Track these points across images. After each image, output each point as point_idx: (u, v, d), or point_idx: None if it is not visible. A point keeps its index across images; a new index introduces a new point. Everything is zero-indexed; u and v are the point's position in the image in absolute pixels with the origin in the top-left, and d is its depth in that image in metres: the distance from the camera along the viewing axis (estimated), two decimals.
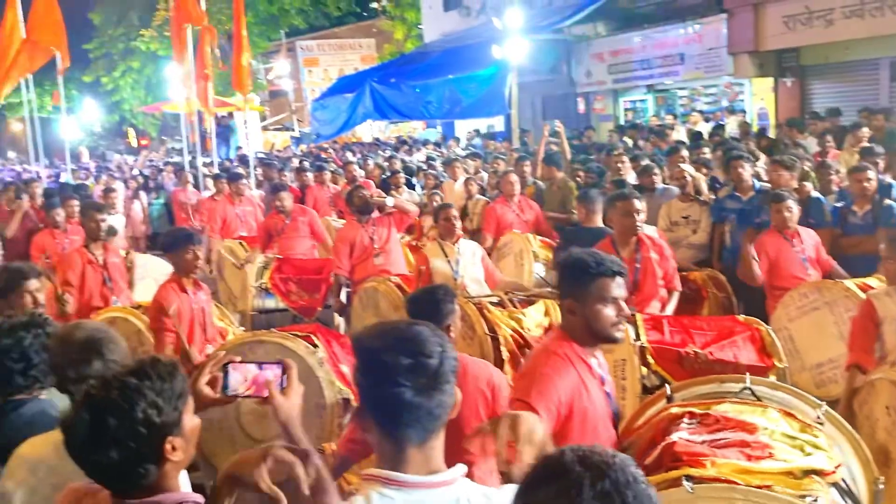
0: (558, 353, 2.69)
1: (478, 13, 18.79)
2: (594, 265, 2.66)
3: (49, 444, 2.24)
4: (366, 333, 1.72)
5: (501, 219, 7.47)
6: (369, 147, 17.98)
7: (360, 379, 1.67)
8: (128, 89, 32.46)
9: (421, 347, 1.62)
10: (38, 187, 9.90)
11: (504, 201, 7.61)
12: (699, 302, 5.74)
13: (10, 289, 3.75)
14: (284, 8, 25.56)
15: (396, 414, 1.60)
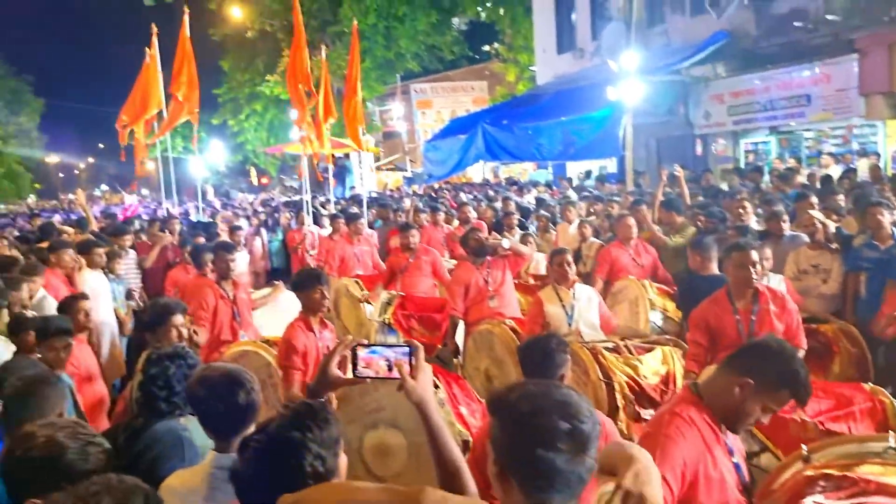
0: (684, 416, 2.60)
1: (592, 55, 18.77)
2: (802, 387, 2.59)
3: (198, 476, 2.35)
4: (512, 394, 1.70)
5: (616, 262, 7.32)
6: (480, 188, 18.14)
7: (505, 440, 1.65)
8: (251, 131, 34.26)
9: (576, 412, 1.61)
10: (176, 224, 10.54)
11: (620, 245, 7.45)
12: (829, 357, 5.37)
13: (159, 323, 4.00)
14: (401, 53, 26.37)
15: (547, 478, 1.59)
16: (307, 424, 1.76)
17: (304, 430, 1.75)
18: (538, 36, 22.23)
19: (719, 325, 4.55)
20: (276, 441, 1.74)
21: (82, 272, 7.36)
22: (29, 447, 2.06)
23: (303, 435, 1.74)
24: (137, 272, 8.99)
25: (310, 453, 1.72)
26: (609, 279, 7.24)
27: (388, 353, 1.98)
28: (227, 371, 2.62)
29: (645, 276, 7.24)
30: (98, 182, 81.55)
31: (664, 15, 16.97)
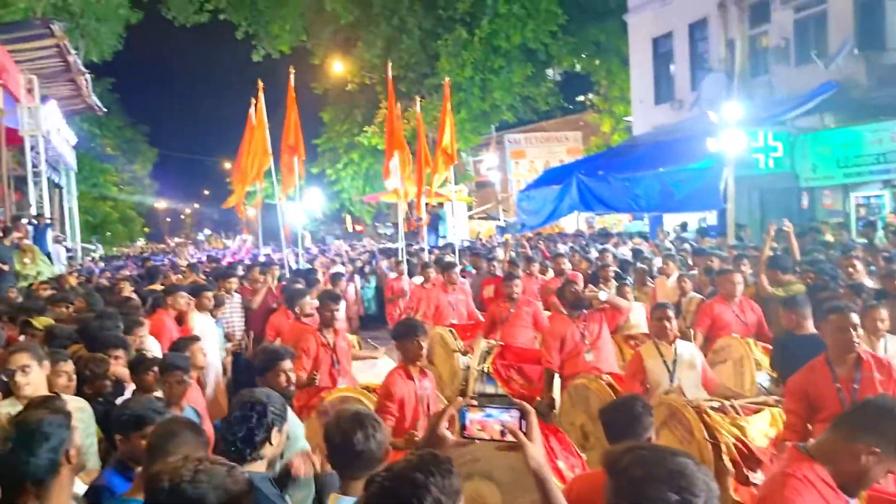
0: (799, 475, 2.46)
1: (691, 106, 18.52)
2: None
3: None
4: (626, 457, 1.68)
5: (718, 318, 7.04)
6: (574, 238, 17.99)
7: (614, 502, 1.62)
8: (348, 179, 35.25)
9: (689, 484, 1.56)
10: (276, 270, 10.88)
11: (723, 300, 7.19)
12: None
13: (268, 367, 4.13)
14: (496, 104, 26.73)
15: None
16: (430, 469, 1.78)
17: (427, 473, 1.77)
18: (635, 87, 22.15)
19: (818, 395, 4.24)
20: (400, 479, 1.76)
21: (192, 314, 7.69)
22: (159, 479, 2.14)
23: (425, 478, 1.76)
24: (242, 315, 9.29)
25: (430, 495, 1.73)
26: (709, 336, 6.99)
27: (502, 417, 1.97)
28: (351, 413, 2.71)
29: (749, 334, 6.95)
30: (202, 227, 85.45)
31: (767, 65, 16.63)
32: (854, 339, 4.28)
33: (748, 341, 6.64)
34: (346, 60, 32.35)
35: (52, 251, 14.65)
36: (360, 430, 2.65)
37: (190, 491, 2.09)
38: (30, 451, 2.60)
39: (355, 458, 2.65)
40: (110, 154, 39.28)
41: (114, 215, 38.23)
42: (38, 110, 15.91)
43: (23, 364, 3.78)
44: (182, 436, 2.83)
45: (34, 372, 3.79)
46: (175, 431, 2.86)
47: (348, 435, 2.65)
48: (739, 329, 6.95)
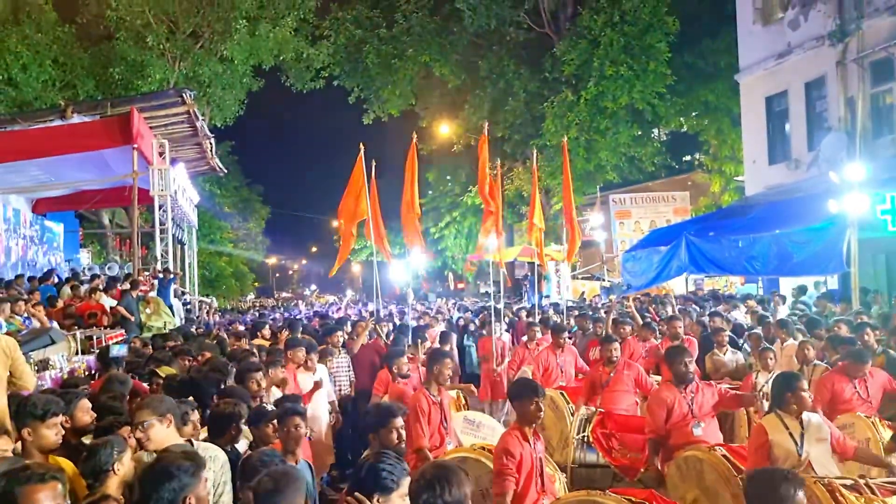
0: None
1: (808, 166, 17.86)
2: None
3: None
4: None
5: (838, 393, 6.65)
6: (684, 301, 17.46)
7: None
8: (451, 238, 35.74)
9: None
10: (385, 327, 11.10)
11: (843, 374, 6.78)
12: None
13: (383, 424, 4.18)
14: (601, 164, 26.61)
15: None
16: None
17: None
18: (747, 146, 21.58)
19: None
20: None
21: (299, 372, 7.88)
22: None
23: None
24: (349, 369, 9.47)
25: None
26: (828, 412, 6.55)
27: None
28: (438, 465, 2.71)
29: (873, 411, 6.53)
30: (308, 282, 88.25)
31: (892, 124, 15.90)
32: None
33: (874, 421, 6.22)
34: (452, 123, 33.17)
35: (173, 304, 15.43)
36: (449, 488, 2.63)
37: None
38: (153, 489, 2.71)
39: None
40: (227, 212, 41.31)
41: (228, 270, 39.93)
42: (168, 172, 17.00)
43: (143, 420, 3.92)
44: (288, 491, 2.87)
45: (155, 427, 3.91)
46: (282, 486, 2.90)
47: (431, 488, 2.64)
48: (860, 406, 6.56)
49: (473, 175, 32.06)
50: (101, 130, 15.52)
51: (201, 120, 18.69)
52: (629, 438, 7.15)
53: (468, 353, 15.53)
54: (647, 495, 4.86)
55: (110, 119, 15.62)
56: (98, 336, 10.76)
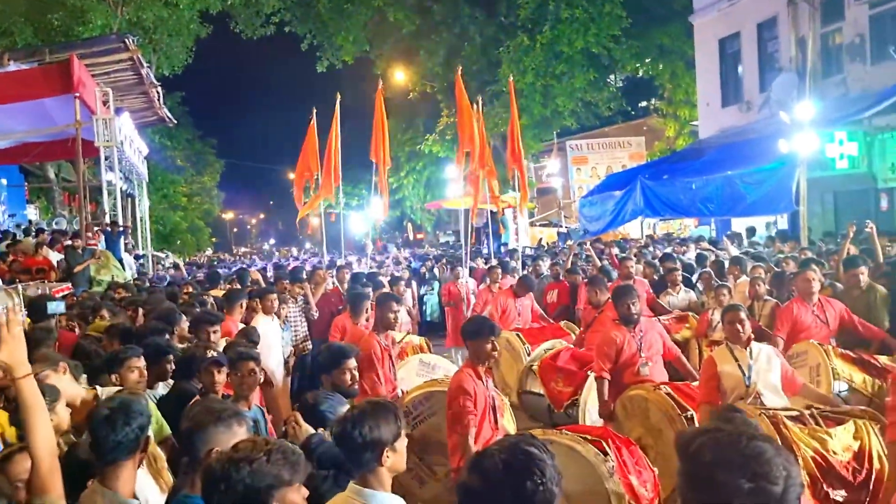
0: None
1: (760, 107, 18.02)
2: None
3: None
4: (699, 439, 1.57)
5: (799, 320, 6.79)
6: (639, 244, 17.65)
7: (685, 489, 1.53)
8: (409, 188, 35.50)
9: (765, 471, 1.44)
10: (347, 273, 11.04)
11: (802, 302, 6.94)
12: None
13: (334, 366, 4.12)
14: (557, 110, 26.53)
15: None
16: (541, 447, 1.75)
17: (542, 450, 1.74)
18: (701, 90, 21.68)
19: None
20: (517, 452, 1.73)
21: (257, 317, 7.80)
22: (227, 465, 2.14)
23: (541, 453, 1.73)
24: (303, 319, 9.40)
25: (548, 469, 1.70)
26: (789, 340, 6.72)
27: None
28: (368, 402, 2.71)
29: (831, 335, 6.72)
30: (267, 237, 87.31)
31: (841, 64, 16.05)
32: None
33: (827, 348, 6.38)
34: (407, 70, 32.64)
35: (123, 258, 15.10)
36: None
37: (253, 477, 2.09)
38: (113, 429, 2.63)
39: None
40: (180, 165, 40.41)
41: (183, 225, 39.19)
42: (113, 122, 16.44)
43: (37, 372, 3.77)
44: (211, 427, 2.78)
45: (51, 377, 3.73)
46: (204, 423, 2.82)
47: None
48: (820, 330, 6.71)
49: (432, 123, 31.78)
50: (41, 79, 14.91)
51: (146, 67, 18.07)
52: (567, 372, 7.23)
53: (426, 302, 15.57)
54: (602, 432, 4.93)
55: (50, 67, 15.01)
56: (44, 291, 10.50)
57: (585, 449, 4.49)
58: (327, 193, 14.67)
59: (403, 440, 2.70)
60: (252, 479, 2.08)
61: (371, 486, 2.58)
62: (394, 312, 6.11)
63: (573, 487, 4.35)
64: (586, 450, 4.48)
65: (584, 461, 4.44)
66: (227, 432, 2.68)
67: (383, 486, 2.61)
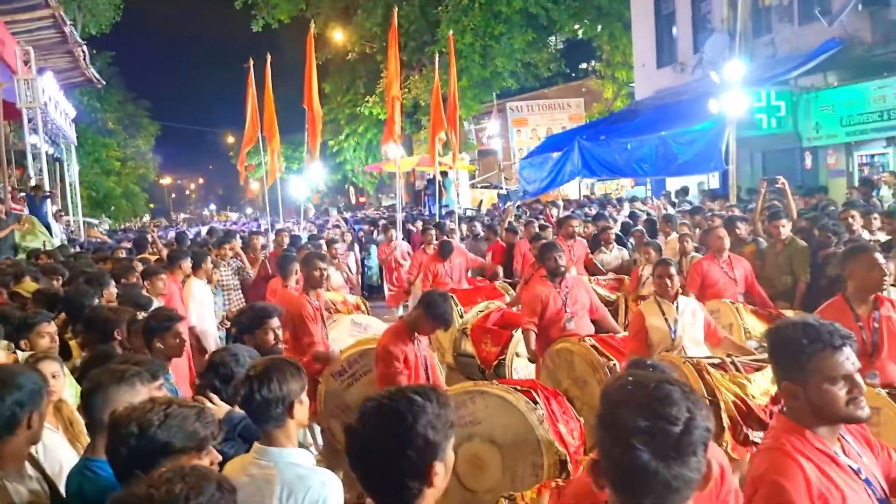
0: (784, 449, 2.30)
1: (693, 68, 18.29)
2: (808, 340, 2.27)
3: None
4: (615, 383, 1.62)
5: (707, 276, 7.03)
6: (577, 204, 17.89)
7: (599, 432, 1.56)
8: (350, 151, 35.09)
9: (665, 411, 1.46)
10: (286, 236, 10.94)
11: (711, 258, 7.19)
12: None
13: (257, 325, 4.08)
14: (497, 71, 26.47)
15: (628, 477, 1.48)
16: (429, 395, 1.78)
17: (426, 398, 1.77)
18: (637, 51, 21.88)
19: None
20: (398, 397, 1.77)
21: (192, 281, 7.69)
22: (122, 422, 2.11)
23: (423, 400, 1.76)
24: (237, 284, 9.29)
25: (425, 416, 1.73)
26: (700, 295, 6.94)
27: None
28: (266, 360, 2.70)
29: (738, 290, 6.98)
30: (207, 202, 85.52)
31: (770, 24, 16.36)
32: (884, 276, 4.35)
33: (738, 306, 6.60)
34: (346, 30, 32.04)
35: (52, 224, 14.61)
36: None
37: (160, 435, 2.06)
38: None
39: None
40: (112, 129, 39.16)
41: (117, 191, 38.12)
42: (35, 82, 15.77)
43: None
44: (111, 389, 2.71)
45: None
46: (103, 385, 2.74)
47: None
48: (728, 285, 6.96)
49: (372, 85, 31.34)
50: None
51: (70, 25, 17.31)
52: (495, 333, 7.35)
53: (368, 265, 15.58)
54: (530, 383, 5.04)
55: None
56: None
57: (516, 398, 4.58)
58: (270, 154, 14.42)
59: (305, 393, 2.70)
60: (141, 442, 2.05)
61: (279, 443, 2.57)
62: (319, 270, 6.08)
63: (505, 435, 4.47)
64: (517, 399, 4.57)
65: (515, 410, 4.53)
66: (129, 391, 2.61)
67: (291, 441, 2.61)
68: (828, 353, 2.26)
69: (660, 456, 1.44)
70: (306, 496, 2.41)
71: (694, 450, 1.46)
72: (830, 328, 2.31)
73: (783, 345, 2.37)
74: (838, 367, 2.25)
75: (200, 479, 1.68)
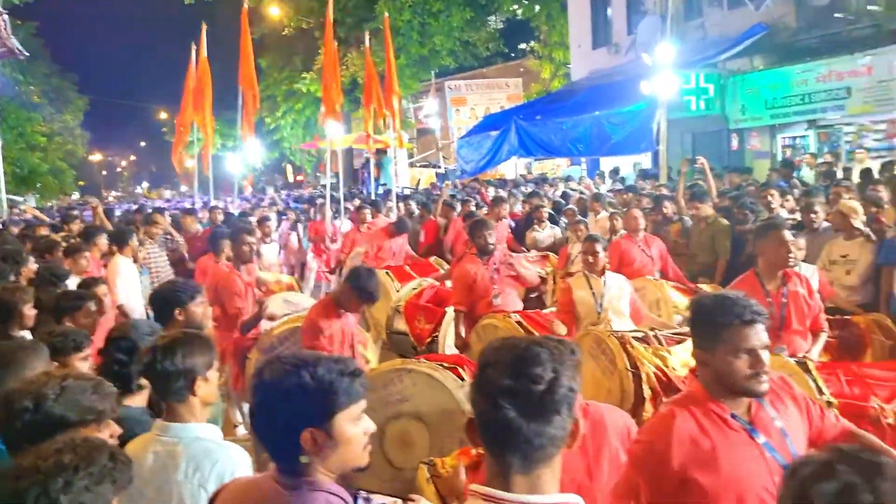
0: (668, 412, 2.48)
1: (627, 50, 18.59)
2: (723, 312, 2.42)
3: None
4: (489, 346, 1.66)
5: (626, 254, 7.26)
6: (512, 184, 18.07)
7: (472, 391, 1.60)
8: (288, 128, 34.53)
9: (528, 369, 1.50)
10: (219, 213, 10.74)
11: (629, 237, 7.43)
12: (861, 349, 5.23)
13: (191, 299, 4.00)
14: (435, 49, 26.38)
15: (495, 434, 1.53)
16: (343, 365, 1.85)
17: (324, 365, 1.83)
18: (573, 31, 22.10)
19: None
20: (298, 360, 1.83)
21: (115, 258, 7.52)
22: (16, 397, 2.08)
23: (318, 367, 1.82)
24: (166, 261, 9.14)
25: (311, 378, 1.80)
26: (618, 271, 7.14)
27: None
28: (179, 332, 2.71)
29: (654, 267, 7.22)
30: (140, 179, 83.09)
31: (701, 8, 16.73)
32: (792, 253, 4.52)
33: (663, 284, 6.81)
34: (282, 4, 31.41)
35: None
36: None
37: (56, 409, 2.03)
38: None
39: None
40: (37, 102, 37.62)
41: (43, 167, 36.65)
42: None
43: None
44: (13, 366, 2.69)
45: None
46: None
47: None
48: (645, 263, 7.20)
49: (309, 61, 30.84)
50: None
51: None
52: (428, 310, 7.42)
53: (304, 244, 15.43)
54: (457, 359, 5.11)
55: None
56: None
57: (443, 375, 4.63)
58: (202, 132, 14.15)
59: (215, 371, 2.64)
60: (36, 416, 2.02)
61: (182, 419, 2.51)
62: (247, 245, 6.05)
63: (432, 412, 4.51)
64: (444, 376, 4.62)
65: (442, 387, 4.58)
66: (23, 371, 2.59)
67: (196, 417, 2.55)
68: (737, 327, 2.40)
69: (524, 414, 1.49)
70: (213, 470, 2.37)
71: (557, 408, 1.50)
72: (746, 303, 2.45)
73: (700, 316, 2.53)
74: (745, 340, 2.40)
75: (92, 450, 1.66)
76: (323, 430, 1.78)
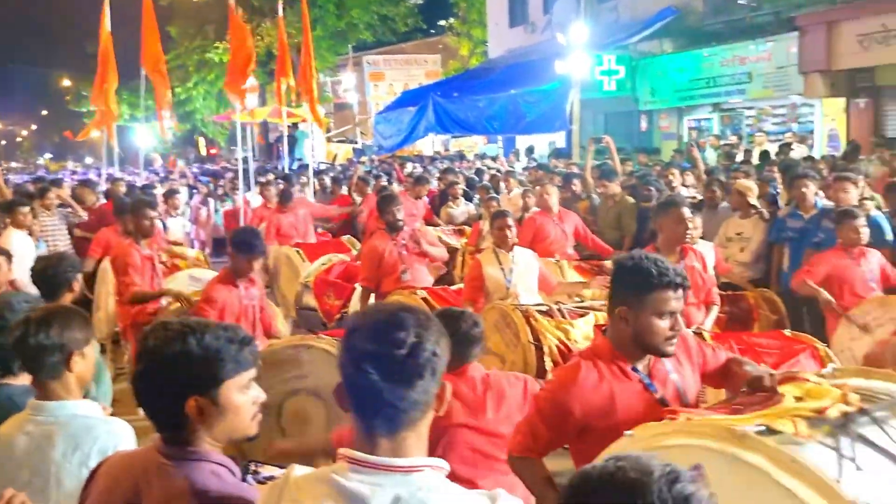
0: (571, 365, 2.61)
1: (543, 29, 18.79)
2: (657, 275, 2.50)
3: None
4: (357, 312, 1.67)
5: (540, 230, 7.37)
6: (429, 160, 18.09)
7: (340, 356, 1.59)
8: (200, 100, 33.50)
9: (390, 335, 1.51)
10: (122, 186, 10.34)
11: (543, 213, 7.56)
12: (749, 323, 5.53)
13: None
14: (353, 23, 26.03)
15: (358, 399, 1.54)
16: (230, 333, 1.83)
17: (211, 334, 1.79)
18: (491, 9, 22.18)
19: None
20: (180, 325, 1.81)
21: (8, 231, 7.17)
22: None
23: (204, 337, 1.80)
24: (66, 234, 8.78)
25: (195, 346, 1.78)
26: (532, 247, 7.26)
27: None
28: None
29: (568, 243, 7.38)
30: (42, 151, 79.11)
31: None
32: (688, 231, 4.68)
33: (562, 264, 6.94)
34: None
35: None
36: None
37: None
38: None
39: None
40: None
41: None
42: None
43: None
44: None
45: None
46: None
47: None
48: (559, 238, 7.34)
49: (222, 30, 29.89)
50: None
51: None
52: (338, 286, 7.38)
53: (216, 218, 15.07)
54: None
55: None
56: None
57: None
58: (100, 103, 13.56)
59: (92, 347, 2.54)
60: None
61: (56, 396, 2.40)
62: (148, 219, 5.87)
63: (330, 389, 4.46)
64: None
65: None
66: None
67: (72, 394, 2.44)
68: (666, 290, 2.50)
69: (387, 377, 1.50)
70: (94, 447, 2.28)
71: (420, 373, 1.51)
72: (676, 270, 2.56)
73: (632, 273, 2.57)
74: (671, 304, 2.51)
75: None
76: (208, 398, 1.75)
